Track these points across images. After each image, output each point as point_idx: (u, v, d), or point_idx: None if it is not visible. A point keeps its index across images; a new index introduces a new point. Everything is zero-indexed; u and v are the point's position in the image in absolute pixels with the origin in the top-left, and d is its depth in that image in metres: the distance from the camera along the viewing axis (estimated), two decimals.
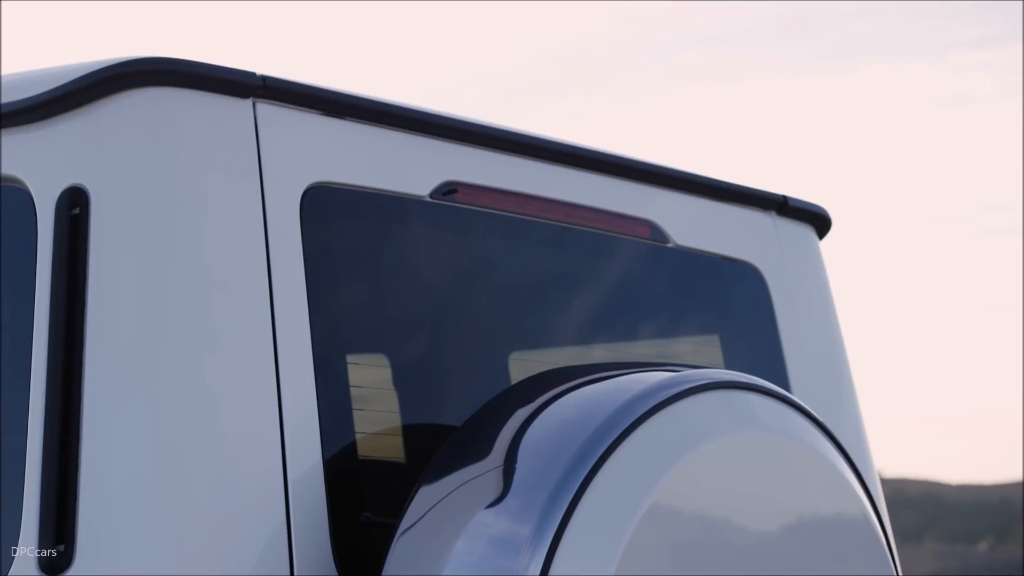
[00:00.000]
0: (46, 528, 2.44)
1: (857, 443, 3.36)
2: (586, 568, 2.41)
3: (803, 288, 3.46)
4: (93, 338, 2.49)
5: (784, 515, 2.65)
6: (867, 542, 2.75)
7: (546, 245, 3.11)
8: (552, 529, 2.42)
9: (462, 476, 2.57)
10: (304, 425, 2.58)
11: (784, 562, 2.63)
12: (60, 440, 2.46)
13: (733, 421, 2.63)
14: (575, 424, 2.54)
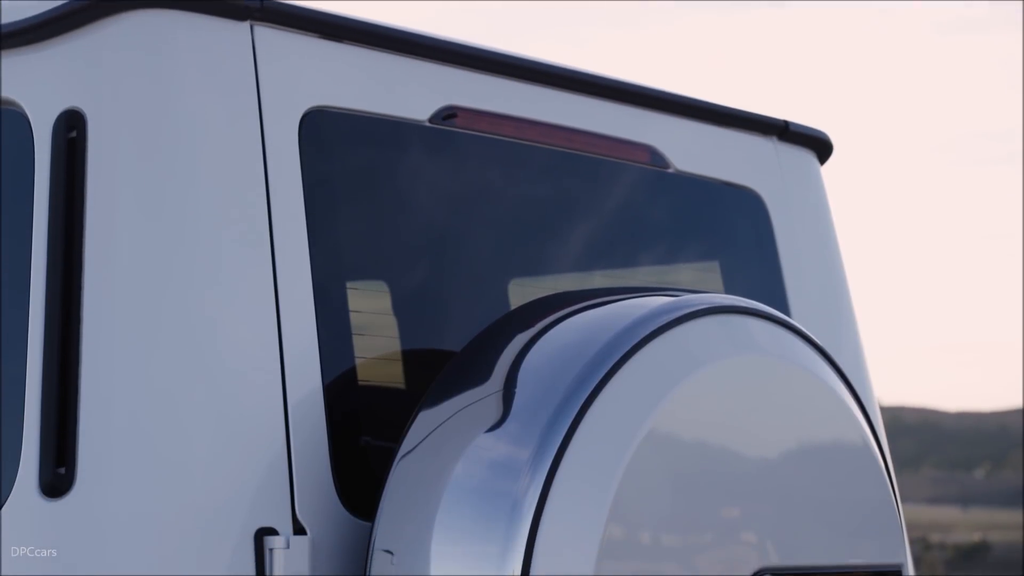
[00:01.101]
0: (47, 451, 2.44)
1: (857, 368, 3.36)
2: (585, 491, 2.41)
3: (804, 213, 3.45)
4: (92, 263, 2.48)
5: (784, 439, 2.66)
6: (866, 467, 2.76)
7: (546, 170, 3.10)
8: (551, 453, 2.42)
9: (462, 401, 2.57)
10: (304, 351, 2.58)
11: (783, 486, 2.64)
12: (60, 364, 2.46)
13: (732, 345, 2.63)
14: (574, 349, 2.53)
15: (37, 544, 2.44)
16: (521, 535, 2.39)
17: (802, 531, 2.65)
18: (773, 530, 2.60)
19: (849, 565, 2.73)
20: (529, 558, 2.38)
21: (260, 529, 2.47)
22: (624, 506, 2.42)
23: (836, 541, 2.70)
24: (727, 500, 2.56)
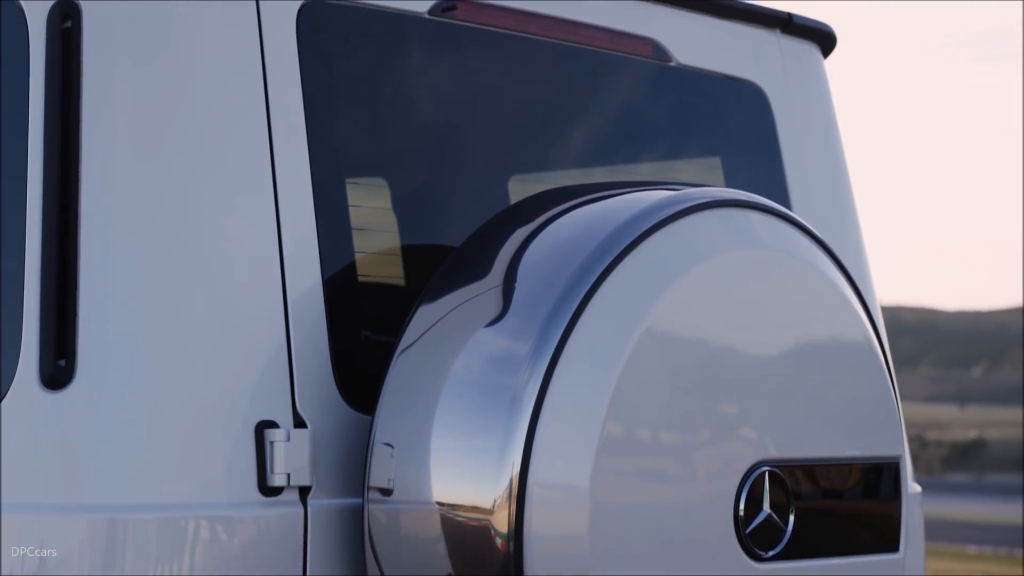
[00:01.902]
0: (46, 344, 2.45)
1: (858, 265, 3.35)
2: (584, 387, 2.42)
3: (806, 108, 3.43)
4: (88, 157, 2.47)
5: (785, 334, 2.65)
6: (866, 362, 2.76)
7: (546, 64, 3.07)
8: (551, 347, 2.42)
9: (461, 295, 2.57)
10: (303, 246, 2.57)
11: (783, 381, 2.64)
12: (59, 257, 2.46)
13: (734, 239, 2.62)
14: (574, 243, 2.52)
15: (37, 435, 2.45)
16: (521, 429, 2.39)
17: (801, 425, 2.66)
18: (772, 425, 2.61)
19: (847, 458, 2.74)
20: (529, 452, 2.39)
21: (261, 422, 2.48)
22: (623, 401, 2.43)
23: (835, 435, 2.71)
24: (727, 395, 2.56)
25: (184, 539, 2.42)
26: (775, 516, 2.59)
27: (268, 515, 2.47)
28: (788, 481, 2.61)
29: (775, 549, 2.58)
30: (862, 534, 2.76)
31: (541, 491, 2.38)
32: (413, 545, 2.47)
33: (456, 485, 2.45)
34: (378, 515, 2.49)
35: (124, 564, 2.38)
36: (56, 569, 2.40)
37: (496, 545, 2.38)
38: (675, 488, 2.51)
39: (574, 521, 2.39)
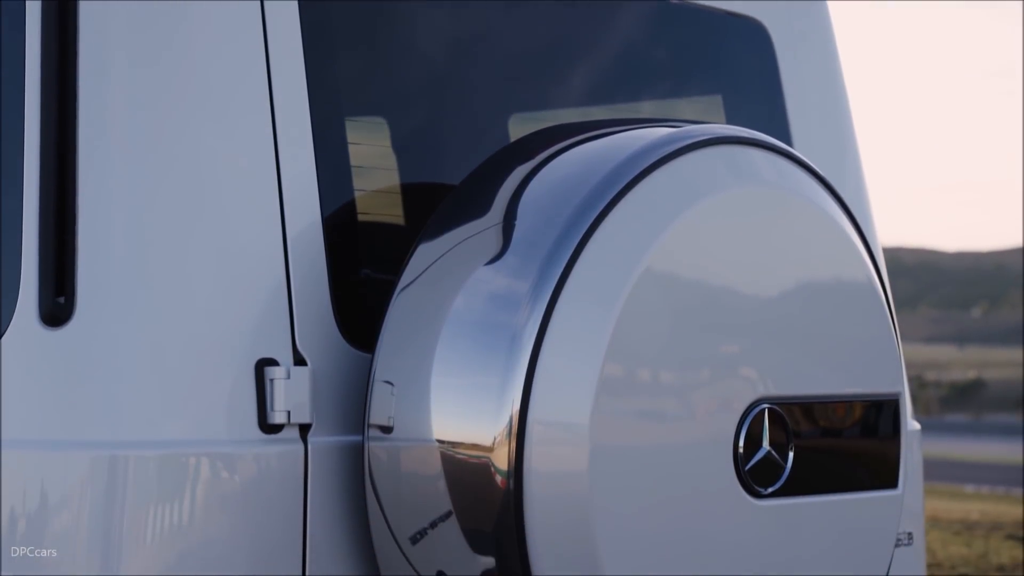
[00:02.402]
0: (45, 280, 2.45)
1: (859, 204, 3.34)
2: (585, 325, 2.42)
3: (809, 45, 3.41)
4: (86, 92, 2.46)
5: (785, 272, 2.65)
6: (867, 300, 2.76)
7: (546, 1, 3.05)
8: (551, 285, 2.42)
9: (461, 233, 2.56)
10: (302, 184, 2.57)
11: (783, 319, 2.64)
12: (57, 194, 2.45)
13: (735, 177, 2.61)
14: (574, 181, 2.52)
15: (37, 372, 2.46)
16: (520, 367, 2.39)
17: (801, 363, 2.66)
18: (772, 362, 2.61)
19: (847, 395, 2.74)
20: (528, 389, 2.39)
21: (261, 360, 2.48)
22: (624, 338, 2.42)
23: (835, 373, 2.71)
24: (727, 333, 2.56)
25: (185, 476, 2.42)
26: (774, 453, 2.59)
27: (268, 452, 2.48)
28: (788, 418, 2.61)
29: (774, 486, 2.59)
30: (861, 471, 2.77)
31: (541, 429, 2.39)
32: (413, 482, 2.48)
33: (456, 423, 2.45)
34: (378, 452, 2.50)
35: (125, 501, 2.39)
36: (58, 507, 2.41)
37: (496, 482, 2.39)
38: (674, 425, 2.51)
39: (574, 459, 2.40)
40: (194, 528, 2.42)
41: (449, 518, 2.44)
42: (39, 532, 2.41)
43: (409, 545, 2.48)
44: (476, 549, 2.42)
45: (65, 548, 2.39)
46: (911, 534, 3.32)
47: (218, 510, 2.44)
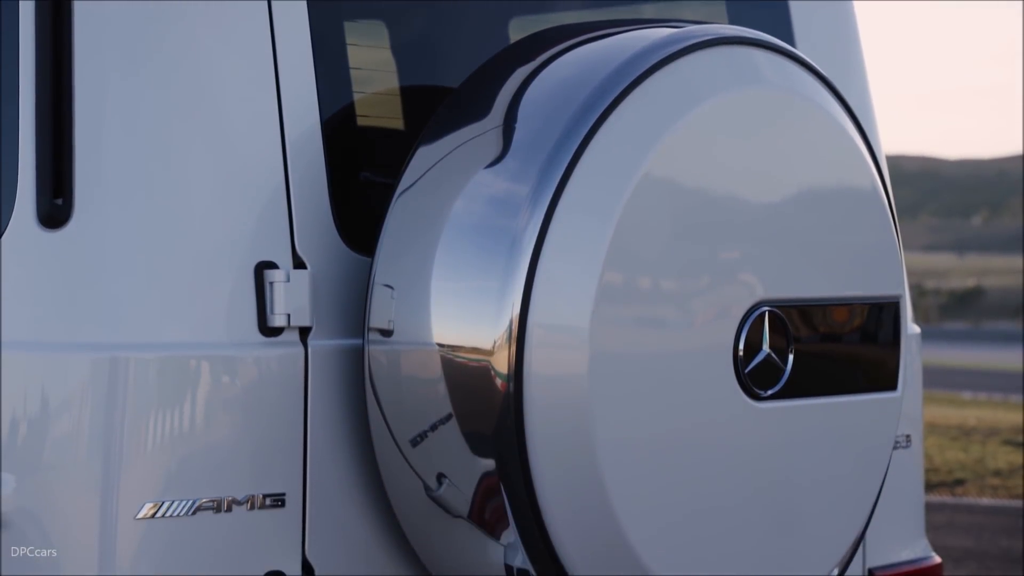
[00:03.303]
0: (43, 182, 2.44)
1: (864, 108, 3.31)
2: (585, 228, 2.41)
3: None
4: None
5: (788, 175, 2.63)
6: (869, 203, 2.74)
7: None
8: (551, 189, 2.41)
9: (460, 136, 2.55)
10: (302, 87, 2.55)
11: (785, 222, 2.63)
12: (54, 95, 2.44)
13: (738, 78, 2.58)
14: (574, 83, 2.50)
15: (37, 273, 2.45)
16: (520, 270, 2.39)
17: (802, 267, 2.65)
18: (773, 266, 2.60)
19: (848, 298, 2.74)
20: (528, 293, 2.39)
21: (260, 263, 2.48)
22: (624, 243, 2.42)
23: (835, 276, 2.70)
24: (728, 237, 2.55)
25: (185, 379, 2.43)
26: (774, 356, 2.59)
27: (268, 355, 2.48)
28: (788, 322, 2.61)
29: (774, 388, 2.59)
30: (861, 373, 2.77)
31: (541, 332, 2.39)
32: (413, 386, 2.48)
33: (456, 326, 2.45)
34: (378, 356, 2.50)
35: (125, 403, 2.39)
36: (58, 410, 2.42)
37: (496, 385, 2.39)
38: (674, 328, 2.51)
39: (574, 362, 2.40)
40: (195, 431, 2.42)
41: (449, 421, 2.44)
42: (40, 435, 2.42)
43: (409, 448, 2.49)
44: (476, 452, 2.43)
45: (66, 452, 2.40)
46: (909, 437, 3.33)
47: (219, 413, 2.44)
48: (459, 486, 2.45)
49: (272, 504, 2.47)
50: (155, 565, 2.39)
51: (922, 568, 3.37)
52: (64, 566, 2.38)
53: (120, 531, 2.37)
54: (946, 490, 10.83)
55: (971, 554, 8.46)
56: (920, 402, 3.40)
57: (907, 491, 3.34)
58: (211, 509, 2.41)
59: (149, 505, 2.38)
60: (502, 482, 2.41)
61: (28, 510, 2.39)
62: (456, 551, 2.53)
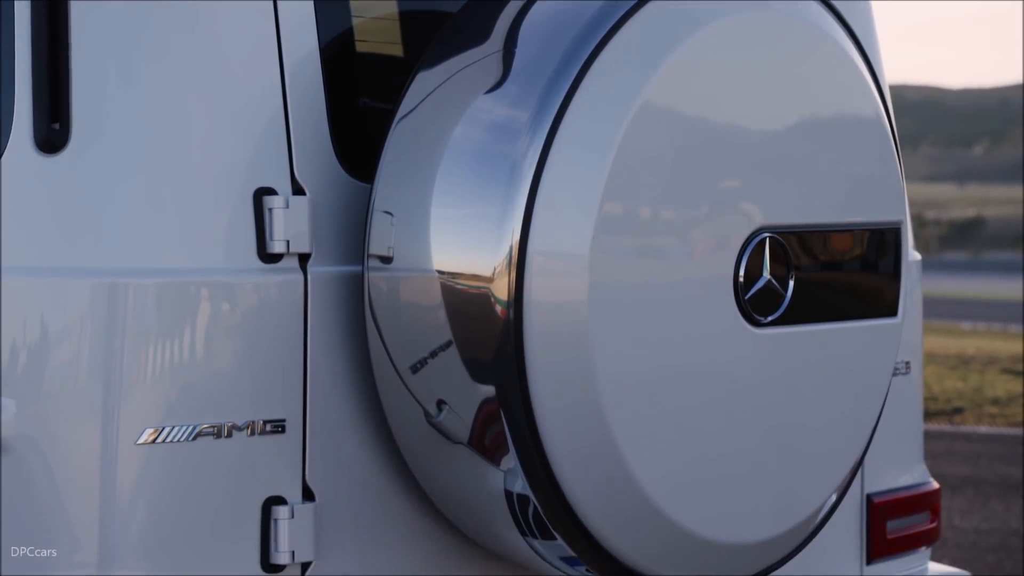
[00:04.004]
0: (40, 107, 2.42)
1: (868, 34, 3.29)
2: (585, 154, 2.40)
3: None
4: None
5: (790, 101, 2.62)
6: (871, 131, 2.73)
7: None
8: (551, 115, 2.39)
9: (460, 62, 2.53)
10: (300, 11, 2.53)
11: (787, 150, 2.61)
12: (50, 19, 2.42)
13: (739, 2, 2.56)
14: (574, 7, 2.47)
15: (35, 199, 2.44)
16: (520, 197, 2.38)
17: (803, 193, 2.64)
18: (774, 192, 2.59)
19: (849, 223, 2.73)
20: (528, 220, 2.38)
21: (259, 189, 2.47)
22: (624, 169, 2.40)
23: (836, 202, 2.70)
24: (730, 162, 2.54)
25: (184, 304, 2.42)
26: (775, 282, 2.59)
27: (268, 282, 2.47)
28: (788, 248, 2.60)
29: (774, 315, 2.59)
30: (861, 299, 2.77)
31: (541, 259, 2.38)
32: (413, 313, 2.48)
33: (456, 253, 2.44)
34: (378, 283, 2.50)
35: (125, 329, 2.39)
36: (58, 336, 2.41)
37: (496, 312, 2.39)
38: (675, 253, 2.50)
39: (574, 289, 2.40)
40: (194, 357, 2.42)
41: (449, 348, 2.44)
42: (40, 361, 2.42)
43: (409, 375, 2.49)
44: (476, 378, 2.43)
45: (66, 378, 2.40)
46: (909, 363, 3.34)
47: (218, 339, 2.44)
48: (459, 412, 2.46)
49: (272, 430, 2.47)
50: (155, 490, 2.40)
51: (920, 493, 3.38)
52: (65, 492, 2.39)
53: (120, 457, 2.37)
54: (944, 419, 10.87)
55: (968, 481, 8.50)
56: (920, 329, 3.40)
57: (906, 418, 3.35)
58: (211, 435, 2.42)
59: (149, 431, 2.39)
60: (502, 408, 2.41)
61: (28, 436, 2.40)
62: (456, 477, 2.54)
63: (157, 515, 2.40)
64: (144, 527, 2.40)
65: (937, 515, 3.44)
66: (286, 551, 2.47)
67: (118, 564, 2.37)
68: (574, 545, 2.49)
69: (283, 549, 2.47)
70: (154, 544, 2.40)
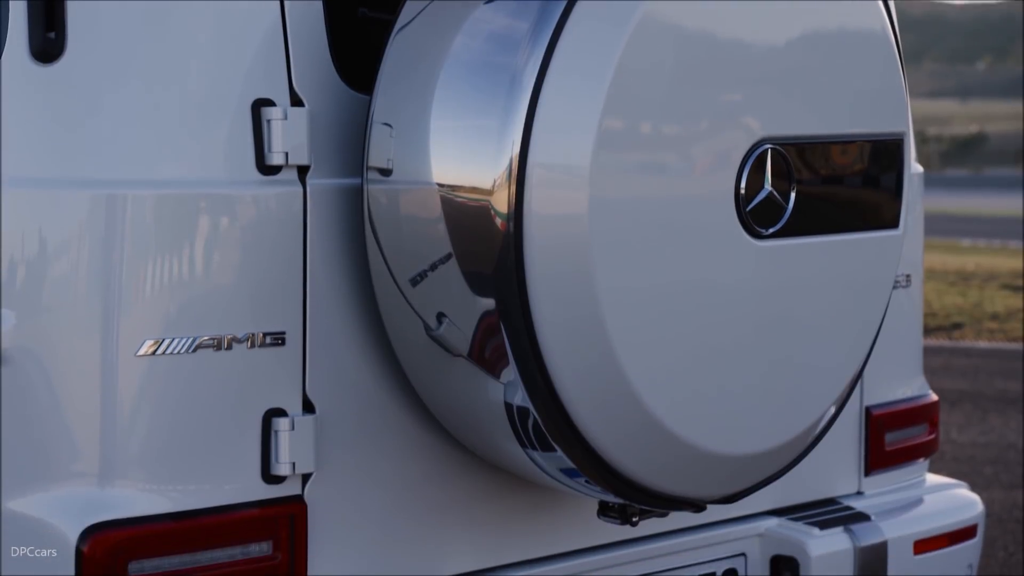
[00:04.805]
0: (35, 16, 2.40)
1: None
2: (586, 65, 2.38)
3: None
4: None
5: (795, 14, 2.59)
6: (874, 42, 2.71)
7: None
8: (551, 26, 2.37)
9: None
10: None
11: (790, 62, 2.59)
12: None
13: None
14: None
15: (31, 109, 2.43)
16: (520, 109, 2.36)
17: (805, 105, 2.62)
18: (776, 104, 2.58)
19: (851, 135, 2.71)
20: (528, 132, 2.36)
21: (257, 100, 2.45)
22: (625, 80, 2.39)
23: (839, 113, 2.68)
24: (733, 74, 2.52)
25: (183, 216, 2.41)
26: (776, 194, 2.58)
27: (267, 194, 2.46)
28: (790, 160, 2.59)
29: (775, 227, 2.58)
30: (863, 211, 2.76)
31: (541, 172, 2.37)
32: (413, 225, 2.47)
33: (455, 165, 2.43)
34: (377, 195, 2.49)
35: (124, 240, 2.38)
36: (57, 248, 2.41)
37: (496, 225, 2.38)
38: (676, 166, 2.49)
39: (574, 202, 2.39)
40: (193, 269, 2.42)
41: (449, 261, 2.44)
42: (39, 273, 2.42)
43: (409, 288, 2.49)
44: (476, 291, 2.43)
45: (65, 289, 2.39)
46: (909, 276, 3.33)
47: (217, 251, 2.44)
48: (459, 325, 2.46)
49: (272, 342, 2.47)
50: (155, 401, 2.40)
51: (919, 405, 3.39)
52: (66, 403, 2.39)
53: (121, 368, 2.38)
54: (943, 334, 10.88)
55: (966, 396, 8.53)
56: (921, 242, 3.39)
57: (906, 331, 3.35)
58: (211, 347, 2.42)
59: (149, 343, 2.39)
60: (502, 321, 2.41)
61: (28, 348, 2.40)
62: (456, 390, 2.54)
63: (158, 427, 2.41)
64: (145, 438, 2.40)
65: (935, 427, 3.45)
66: (287, 462, 2.48)
67: (119, 474, 2.38)
68: (573, 457, 2.50)
69: (284, 460, 2.48)
70: (155, 455, 2.40)
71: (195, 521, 2.41)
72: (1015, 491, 6.53)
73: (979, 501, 3.44)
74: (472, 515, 2.73)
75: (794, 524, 3.10)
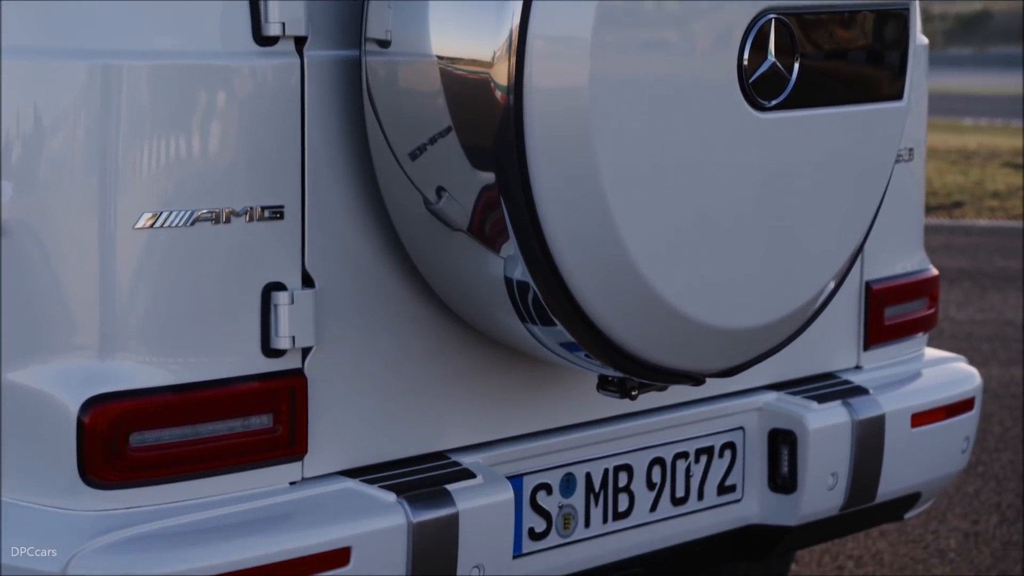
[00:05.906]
0: None
1: None
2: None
3: None
4: None
5: None
6: None
7: None
8: None
9: None
10: None
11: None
12: None
13: None
14: None
15: None
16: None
17: None
18: None
19: (856, 5, 2.68)
20: (529, 3, 2.33)
21: None
22: None
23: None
24: None
25: (179, 88, 2.39)
26: (779, 65, 2.55)
27: (264, 65, 2.44)
28: (794, 30, 2.56)
29: (778, 99, 2.56)
30: (867, 83, 2.73)
31: (542, 44, 2.34)
32: (412, 98, 2.45)
33: (455, 37, 2.40)
34: (376, 67, 2.46)
35: (120, 112, 2.36)
36: (53, 120, 2.39)
37: (496, 98, 2.36)
38: (678, 35, 2.46)
39: (574, 74, 2.36)
40: (190, 141, 2.40)
41: (448, 134, 2.42)
42: (36, 144, 2.40)
43: (409, 162, 2.47)
44: (476, 165, 2.41)
45: (62, 161, 2.38)
46: (912, 150, 3.31)
47: (214, 124, 2.42)
48: (459, 199, 2.44)
49: (271, 216, 2.46)
50: (155, 274, 2.40)
51: (918, 280, 3.39)
52: (64, 276, 2.39)
53: (119, 241, 2.37)
54: (944, 212, 10.88)
55: (966, 274, 8.54)
56: (924, 116, 3.37)
57: (907, 205, 3.34)
58: (209, 220, 2.41)
59: (147, 215, 2.38)
60: (502, 195, 2.39)
61: (26, 222, 2.39)
62: (455, 264, 2.54)
63: (157, 300, 2.40)
64: (144, 312, 2.40)
65: (935, 301, 3.45)
66: (286, 336, 2.48)
67: (119, 347, 2.38)
68: (573, 331, 2.50)
69: (283, 334, 2.48)
70: (153, 328, 2.40)
71: (196, 393, 2.42)
72: (1013, 367, 6.57)
73: (976, 374, 3.45)
74: (471, 389, 2.74)
75: (792, 398, 3.11)
